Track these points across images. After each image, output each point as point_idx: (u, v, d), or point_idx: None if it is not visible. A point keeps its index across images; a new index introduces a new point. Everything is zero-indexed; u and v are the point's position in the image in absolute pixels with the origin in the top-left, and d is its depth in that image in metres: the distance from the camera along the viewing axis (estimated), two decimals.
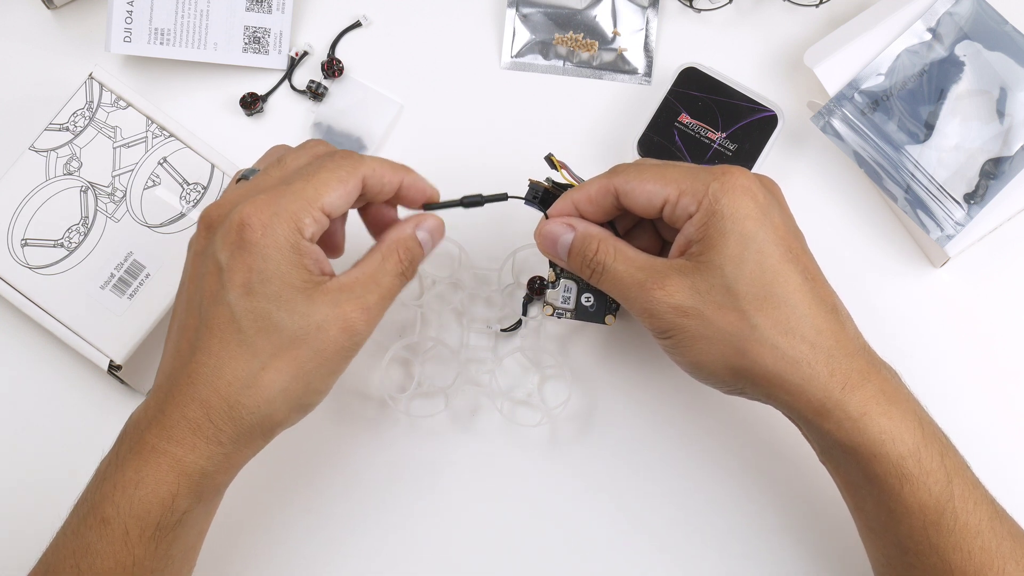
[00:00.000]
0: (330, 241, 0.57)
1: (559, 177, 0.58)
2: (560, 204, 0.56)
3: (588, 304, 0.59)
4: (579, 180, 0.58)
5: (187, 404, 0.50)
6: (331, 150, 0.55)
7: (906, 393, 0.52)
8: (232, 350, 0.50)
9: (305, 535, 0.64)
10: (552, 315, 0.59)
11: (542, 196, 0.57)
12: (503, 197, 0.57)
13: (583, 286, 0.59)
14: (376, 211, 0.57)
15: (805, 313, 0.51)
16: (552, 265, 0.59)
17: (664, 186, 0.52)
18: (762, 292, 0.50)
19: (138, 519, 0.50)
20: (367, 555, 0.64)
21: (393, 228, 0.55)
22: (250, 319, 0.50)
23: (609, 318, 0.59)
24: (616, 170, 0.54)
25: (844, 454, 0.51)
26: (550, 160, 0.58)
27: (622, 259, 0.53)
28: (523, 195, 0.57)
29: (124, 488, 0.50)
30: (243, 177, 0.56)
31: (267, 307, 0.50)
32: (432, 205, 0.56)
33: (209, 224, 0.52)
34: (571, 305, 0.59)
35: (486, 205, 0.57)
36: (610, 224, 0.57)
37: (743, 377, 0.51)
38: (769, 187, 0.53)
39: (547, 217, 0.56)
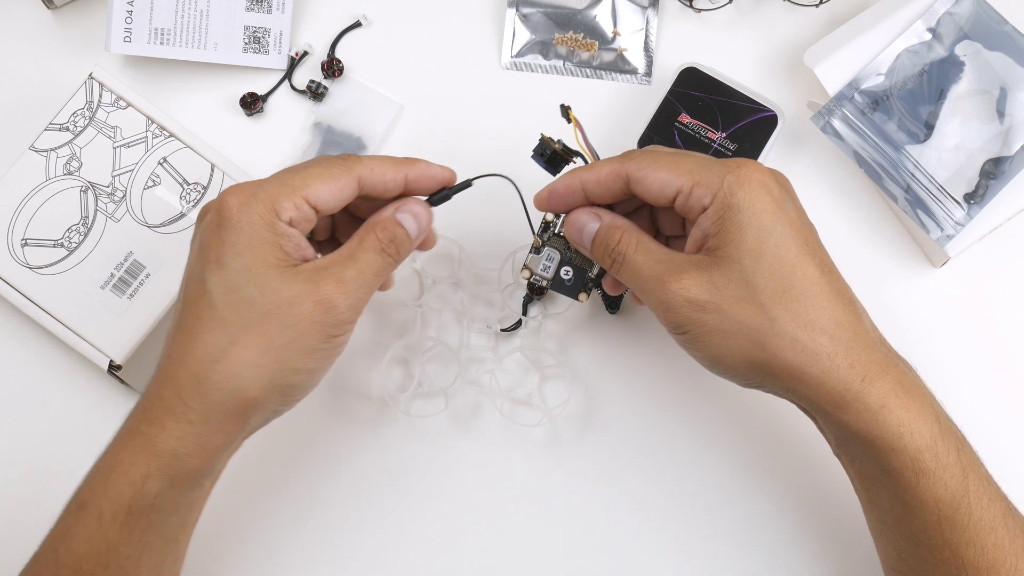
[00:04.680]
0: None
1: (571, 137, 0.57)
2: (567, 180, 0.55)
3: (566, 277, 0.58)
4: (590, 148, 0.57)
5: (163, 384, 0.51)
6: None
7: (922, 387, 0.52)
8: (204, 325, 0.50)
9: (305, 535, 0.64)
10: (529, 279, 0.59)
11: (549, 156, 0.56)
12: (467, 184, 0.56)
13: (565, 259, 0.58)
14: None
15: (824, 306, 0.51)
16: (540, 233, 0.59)
17: (678, 176, 0.52)
18: (781, 285, 0.50)
19: (112, 502, 0.50)
20: (368, 555, 0.64)
21: (375, 214, 0.54)
22: (221, 292, 0.50)
23: (583, 296, 0.58)
24: (629, 155, 0.54)
25: (861, 446, 0.51)
26: (565, 112, 0.57)
27: (643, 251, 0.53)
28: (476, 177, 0.56)
29: (101, 471, 0.51)
30: None
31: (237, 280, 0.50)
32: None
33: (201, 215, 0.53)
34: (549, 275, 0.58)
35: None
36: (608, 208, 0.56)
37: (762, 370, 0.51)
38: (781, 181, 0.53)
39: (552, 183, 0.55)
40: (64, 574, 0.50)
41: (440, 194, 0.56)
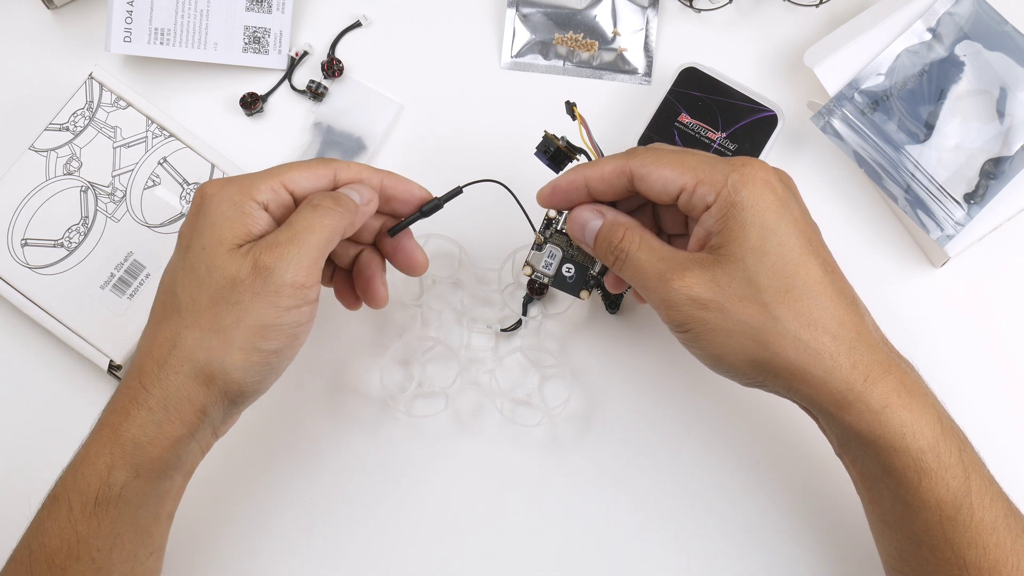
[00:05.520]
0: (368, 287, 0.58)
1: (575, 133, 0.56)
2: (571, 176, 0.55)
3: (568, 275, 0.58)
4: (595, 145, 0.57)
5: (131, 375, 0.51)
6: None
7: (925, 387, 0.52)
8: (167, 313, 0.51)
9: (305, 535, 0.64)
10: (531, 276, 0.59)
11: (553, 153, 0.56)
12: (458, 192, 0.57)
13: (567, 256, 0.58)
14: (364, 266, 0.57)
15: (827, 305, 0.51)
16: (543, 230, 0.58)
17: (682, 174, 0.52)
18: (784, 284, 0.50)
19: (80, 493, 0.50)
20: (367, 555, 0.64)
21: None
22: (181, 276, 0.51)
23: (584, 293, 0.58)
24: (633, 152, 0.54)
25: (863, 447, 0.51)
26: (571, 108, 0.56)
27: (646, 248, 0.53)
28: (467, 184, 0.57)
29: (72, 465, 0.51)
30: None
31: (194, 261, 0.51)
32: (393, 229, 0.57)
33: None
34: (551, 271, 0.58)
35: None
36: (611, 205, 0.56)
37: (764, 370, 0.51)
38: (785, 180, 0.53)
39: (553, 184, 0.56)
40: (37, 569, 0.50)
41: (432, 203, 0.57)
